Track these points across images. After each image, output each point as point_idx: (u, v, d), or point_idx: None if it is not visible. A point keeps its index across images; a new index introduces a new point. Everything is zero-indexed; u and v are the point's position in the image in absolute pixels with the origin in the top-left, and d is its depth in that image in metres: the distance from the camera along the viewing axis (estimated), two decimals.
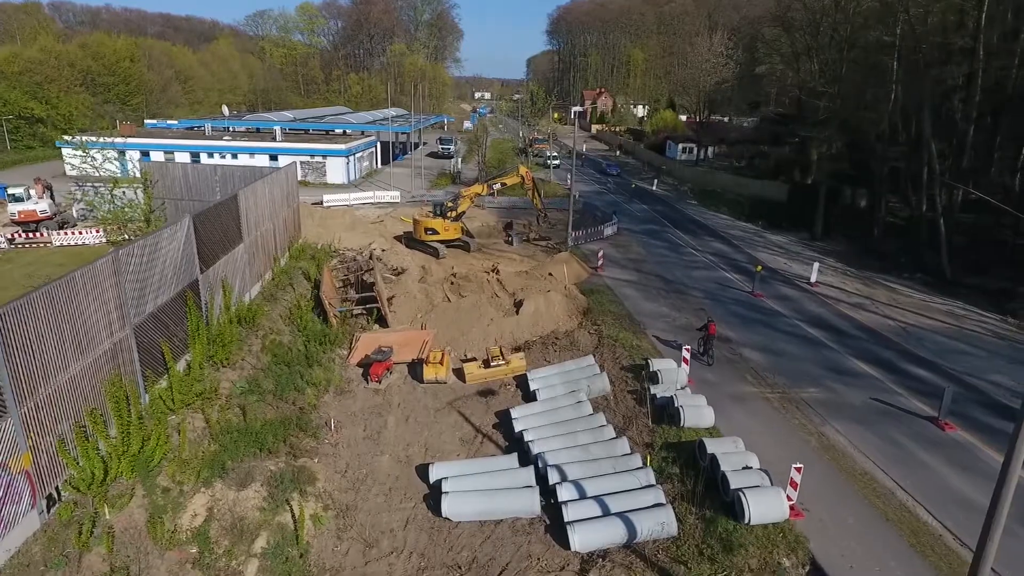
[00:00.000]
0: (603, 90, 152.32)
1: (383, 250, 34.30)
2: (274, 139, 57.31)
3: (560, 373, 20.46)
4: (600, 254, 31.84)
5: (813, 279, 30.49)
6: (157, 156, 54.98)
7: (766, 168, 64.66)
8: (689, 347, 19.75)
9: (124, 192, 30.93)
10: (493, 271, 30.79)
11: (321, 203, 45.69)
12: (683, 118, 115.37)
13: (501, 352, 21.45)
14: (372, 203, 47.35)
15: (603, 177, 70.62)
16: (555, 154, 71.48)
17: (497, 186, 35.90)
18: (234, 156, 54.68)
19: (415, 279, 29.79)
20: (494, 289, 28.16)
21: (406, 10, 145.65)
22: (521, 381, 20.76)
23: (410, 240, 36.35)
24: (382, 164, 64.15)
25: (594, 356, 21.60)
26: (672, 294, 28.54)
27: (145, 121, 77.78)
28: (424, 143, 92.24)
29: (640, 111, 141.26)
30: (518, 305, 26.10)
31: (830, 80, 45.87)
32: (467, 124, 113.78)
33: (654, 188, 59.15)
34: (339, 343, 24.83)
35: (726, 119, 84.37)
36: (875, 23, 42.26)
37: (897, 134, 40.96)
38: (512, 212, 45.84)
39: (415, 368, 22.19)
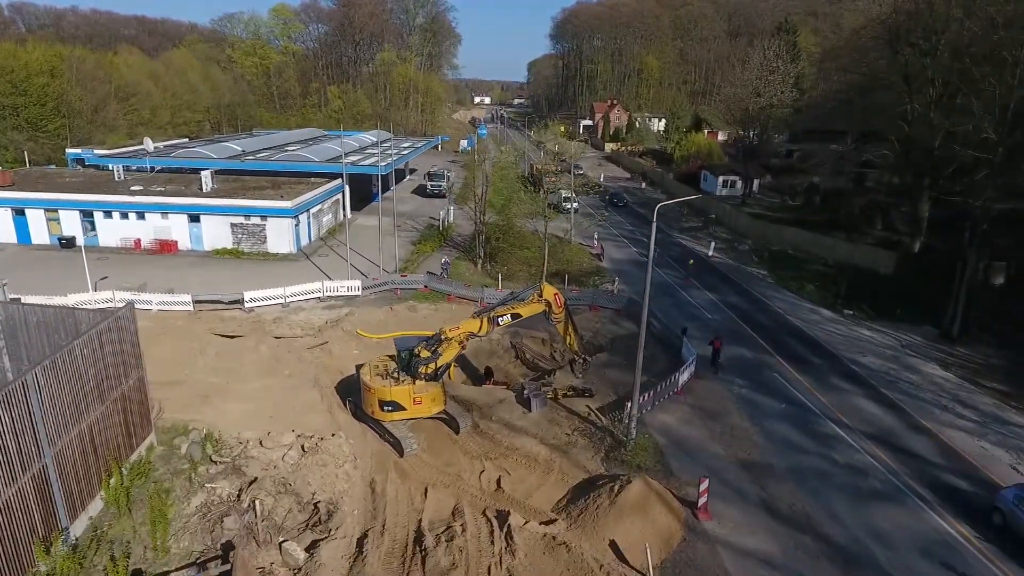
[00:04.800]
0: (615, 101, 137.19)
1: (305, 445, 19.34)
2: (200, 189, 42.23)
3: None
4: (704, 488, 16.65)
5: None
6: (36, 216, 40.08)
7: (848, 217, 49.64)
8: None
9: None
10: (504, 524, 15.93)
11: (241, 303, 30.76)
12: (706, 132, 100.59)
13: None
14: (319, 298, 32.37)
15: (636, 228, 55.38)
16: (572, 195, 52.54)
17: (506, 319, 21.12)
18: (140, 216, 39.66)
19: (348, 547, 14.92)
20: None
21: (398, 13, 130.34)
22: None
23: (358, 411, 21.53)
24: (352, 211, 49.01)
25: None
26: None
27: (67, 150, 62.84)
28: (414, 170, 77.33)
29: (657, 125, 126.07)
30: None
31: (987, 124, 30.93)
32: (464, 144, 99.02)
33: (711, 254, 44.20)
34: None
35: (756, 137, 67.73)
36: None
37: None
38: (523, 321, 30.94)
39: None
